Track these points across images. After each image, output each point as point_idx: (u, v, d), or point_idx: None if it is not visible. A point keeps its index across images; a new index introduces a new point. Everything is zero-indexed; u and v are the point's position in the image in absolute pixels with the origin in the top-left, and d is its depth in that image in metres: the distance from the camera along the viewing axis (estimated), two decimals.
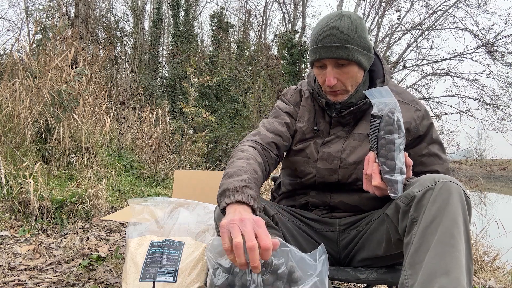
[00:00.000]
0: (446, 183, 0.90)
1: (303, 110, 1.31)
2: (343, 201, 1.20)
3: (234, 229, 0.76)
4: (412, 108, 1.20)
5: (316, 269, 0.79)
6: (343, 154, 1.19)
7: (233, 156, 1.15)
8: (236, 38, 14.98)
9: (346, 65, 1.13)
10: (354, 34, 1.11)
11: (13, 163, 3.18)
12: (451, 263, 0.81)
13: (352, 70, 1.14)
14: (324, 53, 1.12)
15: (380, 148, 0.98)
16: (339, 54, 1.11)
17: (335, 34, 1.11)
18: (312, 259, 0.80)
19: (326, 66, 1.15)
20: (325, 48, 1.11)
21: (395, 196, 0.95)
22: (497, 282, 2.28)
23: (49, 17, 6.75)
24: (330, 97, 1.20)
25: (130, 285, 1.29)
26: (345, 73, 1.14)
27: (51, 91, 3.82)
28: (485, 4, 9.59)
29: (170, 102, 10.80)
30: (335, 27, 1.11)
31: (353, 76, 1.15)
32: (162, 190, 5.09)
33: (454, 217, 0.86)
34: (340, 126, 1.24)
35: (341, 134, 1.23)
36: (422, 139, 1.19)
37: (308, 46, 7.41)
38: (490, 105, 10.11)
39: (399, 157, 0.95)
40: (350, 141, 1.20)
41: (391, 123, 0.96)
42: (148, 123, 6.58)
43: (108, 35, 9.73)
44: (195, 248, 1.39)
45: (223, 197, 0.92)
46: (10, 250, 2.31)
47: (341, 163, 1.18)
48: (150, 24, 13.40)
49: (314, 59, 1.16)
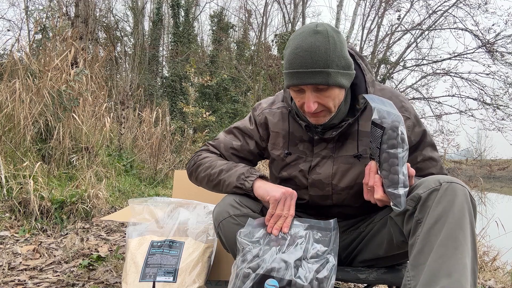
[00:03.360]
0: (452, 184, 0.89)
1: (274, 136, 1.23)
2: (341, 212, 1.21)
3: (284, 202, 1.07)
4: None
5: (329, 244, 0.99)
6: (334, 180, 1.15)
7: (204, 163, 1.24)
8: (236, 38, 14.97)
9: (326, 90, 1.04)
10: (333, 55, 1.00)
11: (13, 163, 3.18)
12: (454, 265, 0.81)
13: (333, 93, 1.04)
14: (301, 79, 1.01)
15: (383, 161, 0.94)
16: (318, 80, 1.00)
17: (312, 58, 0.99)
18: (327, 228, 1.04)
19: (304, 90, 1.05)
20: (302, 74, 1.01)
21: (397, 209, 0.92)
22: (497, 282, 2.28)
23: (49, 17, 6.74)
24: (311, 119, 1.11)
25: (130, 285, 1.29)
26: (326, 97, 1.05)
27: (51, 91, 3.82)
28: (485, 4, 9.59)
29: (170, 102, 10.79)
30: (312, 48, 1.00)
31: (334, 98, 1.06)
32: (162, 190, 5.08)
33: (459, 219, 0.85)
34: (324, 142, 1.17)
35: (326, 154, 1.16)
36: (416, 148, 1.15)
37: None
38: (490, 105, 10.10)
39: (402, 171, 0.92)
40: (339, 165, 1.14)
41: (394, 137, 0.92)
42: (148, 123, 6.58)
43: (108, 35, 9.73)
44: (195, 248, 1.38)
45: (243, 179, 1.13)
46: (10, 250, 2.31)
47: (333, 189, 1.16)
48: (150, 24, 13.38)
49: (290, 84, 1.05)
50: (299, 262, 0.94)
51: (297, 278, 0.91)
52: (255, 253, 0.95)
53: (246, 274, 0.92)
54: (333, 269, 0.96)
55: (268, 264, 0.93)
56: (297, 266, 0.93)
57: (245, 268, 0.94)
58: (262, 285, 0.91)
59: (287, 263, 0.92)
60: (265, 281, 0.91)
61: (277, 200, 1.05)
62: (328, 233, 1.02)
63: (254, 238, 1.00)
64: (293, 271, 0.92)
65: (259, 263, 0.93)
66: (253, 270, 0.93)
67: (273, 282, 0.90)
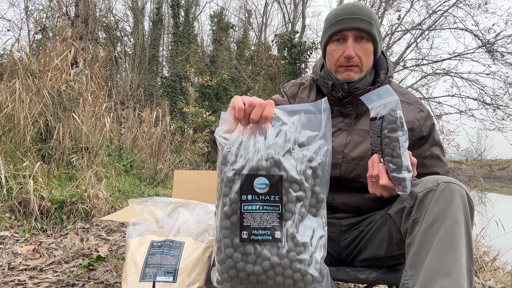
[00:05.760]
0: (449, 184, 0.90)
1: (300, 101, 1.30)
2: (345, 202, 1.19)
3: (237, 99, 0.81)
4: (416, 109, 1.20)
5: (320, 128, 0.83)
6: (346, 149, 1.17)
7: None
8: (236, 38, 14.96)
9: (365, 41, 1.14)
10: (374, 16, 1.14)
11: (13, 163, 3.18)
12: (452, 265, 0.81)
13: (369, 48, 1.15)
14: (347, 24, 1.12)
15: (385, 147, 0.97)
16: (363, 26, 1.11)
17: (359, 9, 1.13)
18: (316, 110, 0.84)
19: (346, 39, 1.14)
20: (349, 20, 1.12)
21: (404, 194, 0.94)
22: (497, 282, 2.28)
23: (49, 17, 6.74)
24: (342, 75, 1.18)
25: (130, 285, 1.29)
26: (363, 49, 1.14)
27: (51, 91, 3.82)
28: (485, 4, 9.57)
29: (170, 102, 10.79)
30: (357, 4, 1.14)
31: (368, 54, 1.16)
32: (162, 190, 5.08)
33: (455, 219, 0.86)
34: (341, 117, 1.23)
35: (342, 127, 1.21)
36: (425, 140, 1.18)
37: (308, 46, 7.26)
38: (490, 105, 10.09)
39: (405, 155, 0.94)
40: (353, 136, 1.19)
41: (394, 121, 0.95)
42: (148, 123, 6.58)
43: (108, 35, 9.74)
44: (195, 248, 1.39)
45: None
46: (10, 250, 2.31)
47: (343, 158, 1.17)
48: (150, 24, 13.38)
49: (335, 31, 1.14)
50: (288, 154, 0.79)
51: (288, 172, 0.78)
52: (235, 152, 0.80)
53: (231, 178, 0.78)
54: (328, 154, 0.83)
55: (254, 163, 0.78)
56: (287, 159, 0.79)
57: (228, 171, 0.79)
58: (251, 186, 0.78)
59: (275, 158, 0.78)
60: (253, 181, 0.78)
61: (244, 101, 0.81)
62: (318, 115, 0.85)
63: (232, 135, 0.82)
64: (284, 165, 0.78)
65: (243, 164, 0.78)
66: (237, 172, 0.78)
67: (263, 180, 0.78)
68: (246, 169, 0.78)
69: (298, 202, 0.78)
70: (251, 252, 0.76)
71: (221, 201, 0.80)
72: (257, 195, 0.77)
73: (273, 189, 0.77)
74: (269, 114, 0.79)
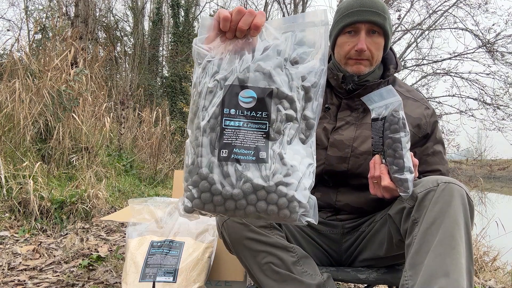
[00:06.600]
0: (449, 185, 0.89)
1: None
2: (349, 203, 1.19)
3: (222, 10, 0.68)
4: (422, 106, 1.21)
5: (316, 44, 0.71)
6: (355, 143, 1.16)
7: None
8: None
9: (377, 35, 1.14)
10: (387, 10, 1.13)
11: (13, 163, 3.18)
12: (451, 265, 0.81)
13: (381, 42, 1.15)
14: (361, 16, 1.11)
15: (387, 148, 0.96)
16: (377, 19, 1.11)
17: (373, 2, 1.11)
18: (314, 22, 0.71)
19: (358, 32, 1.13)
20: (363, 12, 1.11)
21: (406, 195, 0.94)
22: (497, 282, 2.28)
23: (49, 17, 6.74)
24: (352, 67, 1.17)
25: (130, 285, 1.29)
26: (375, 43, 1.14)
27: (51, 91, 3.81)
28: (485, 4, 9.57)
29: (170, 102, 10.79)
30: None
31: (379, 49, 1.16)
32: (162, 190, 5.08)
33: (455, 219, 0.86)
34: (349, 110, 1.21)
35: (350, 120, 1.20)
36: (429, 137, 1.19)
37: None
38: (490, 105, 10.08)
39: (407, 156, 0.94)
40: (362, 130, 1.18)
41: (396, 122, 0.95)
42: (148, 123, 6.57)
43: (108, 35, 9.74)
44: (195, 248, 1.38)
45: None
46: (10, 250, 2.31)
47: (352, 152, 1.16)
48: (150, 24, 13.38)
49: (348, 22, 1.13)
50: (279, 69, 0.68)
51: (279, 88, 0.67)
52: (218, 63, 0.68)
53: (212, 89, 0.67)
54: (322, 74, 0.71)
55: (240, 73, 0.66)
56: (278, 73, 0.68)
57: (209, 82, 0.67)
58: (236, 99, 0.66)
59: (265, 70, 0.67)
60: (238, 93, 0.66)
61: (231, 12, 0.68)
62: (316, 28, 0.73)
63: (214, 45, 0.70)
64: (274, 78, 0.67)
65: (226, 75, 0.67)
66: (220, 83, 0.67)
67: (250, 93, 0.66)
68: (231, 80, 0.66)
69: (288, 123, 0.68)
70: (230, 173, 0.65)
71: (199, 115, 0.67)
72: (241, 110, 0.66)
73: (260, 104, 0.66)
74: (260, 23, 0.66)
